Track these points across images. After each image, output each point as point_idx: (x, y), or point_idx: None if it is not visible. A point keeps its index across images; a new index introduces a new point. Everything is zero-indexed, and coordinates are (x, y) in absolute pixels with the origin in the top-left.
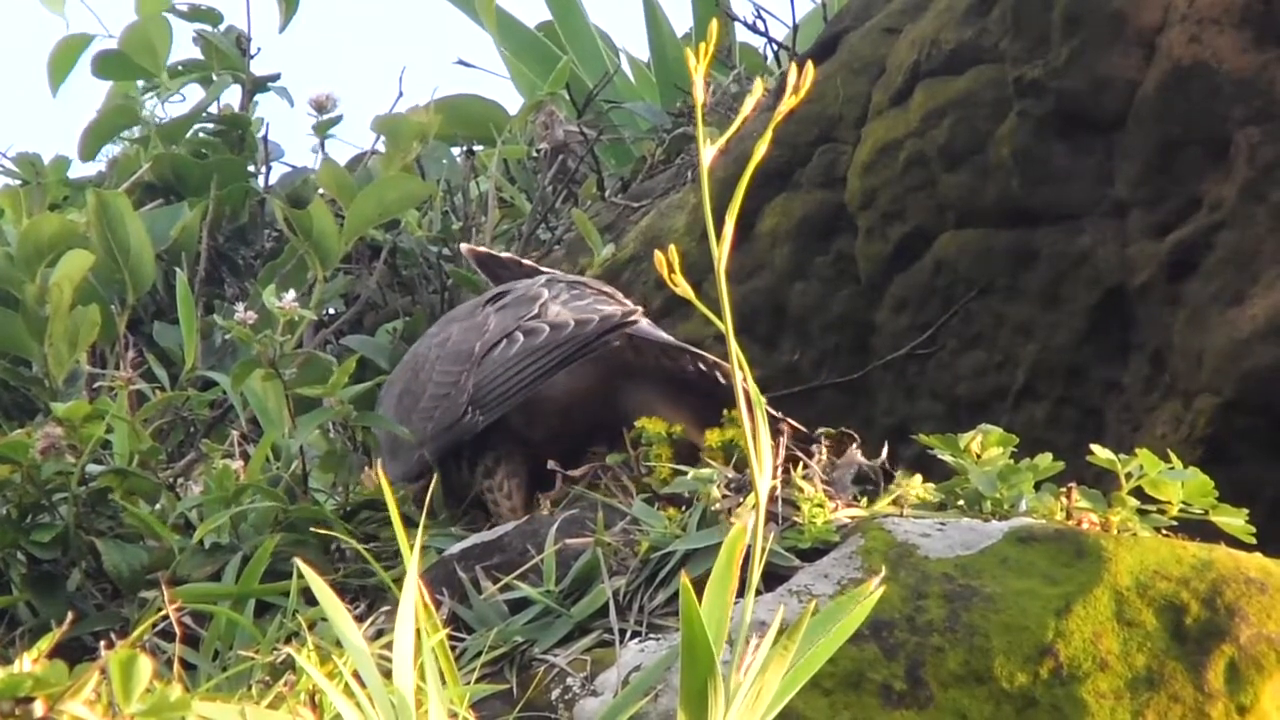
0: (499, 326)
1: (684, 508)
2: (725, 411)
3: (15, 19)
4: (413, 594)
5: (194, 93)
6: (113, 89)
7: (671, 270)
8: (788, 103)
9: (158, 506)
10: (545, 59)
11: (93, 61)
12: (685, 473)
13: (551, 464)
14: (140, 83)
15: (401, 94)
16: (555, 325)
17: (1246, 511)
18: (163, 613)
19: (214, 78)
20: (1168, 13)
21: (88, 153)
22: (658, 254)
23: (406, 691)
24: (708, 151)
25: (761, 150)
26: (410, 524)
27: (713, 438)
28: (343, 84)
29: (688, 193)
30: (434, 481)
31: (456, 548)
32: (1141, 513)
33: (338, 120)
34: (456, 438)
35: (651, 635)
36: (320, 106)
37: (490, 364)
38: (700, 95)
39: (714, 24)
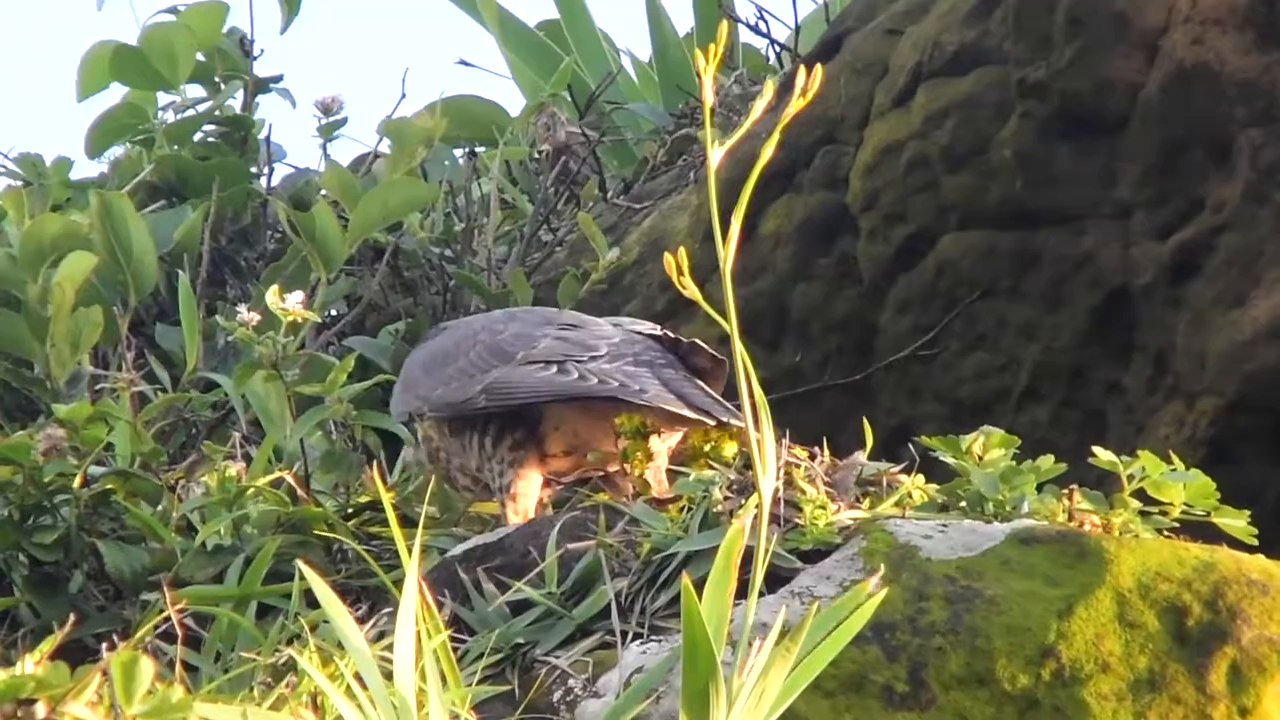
0: (546, 350)
1: (685, 509)
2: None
3: (15, 19)
4: (413, 596)
5: (197, 93)
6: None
7: (681, 272)
8: (795, 105)
9: (159, 508)
10: (547, 59)
11: (112, 59)
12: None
13: (551, 473)
14: (161, 95)
15: (404, 95)
16: (583, 376)
17: (1248, 513)
18: (165, 614)
19: (216, 79)
20: (1170, 14)
21: (94, 150)
22: (667, 256)
23: (408, 693)
24: (715, 153)
25: (769, 152)
26: (411, 524)
27: (697, 440)
28: (344, 84)
29: (690, 194)
30: (434, 482)
31: (458, 549)
32: (1143, 514)
33: (343, 123)
34: (457, 413)
35: (653, 637)
36: (327, 109)
37: (519, 373)
38: (709, 97)
39: (723, 26)
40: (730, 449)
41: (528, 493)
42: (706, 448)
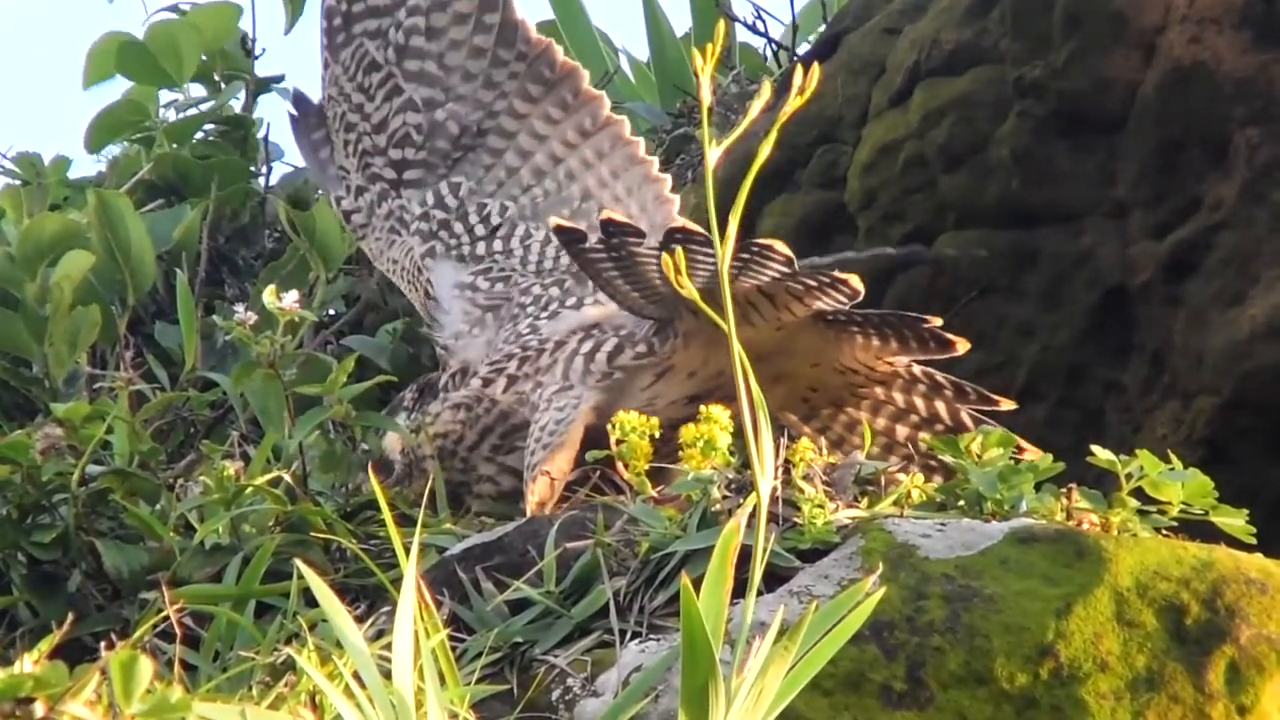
0: None
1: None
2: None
3: (13, 18)
4: (411, 595)
5: (198, 92)
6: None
7: (678, 271)
8: (793, 104)
9: (158, 507)
10: None
11: (117, 52)
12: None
13: (551, 472)
14: (163, 92)
15: None
16: None
17: (1247, 512)
18: (163, 614)
19: (218, 79)
20: (1168, 13)
21: (94, 145)
22: (665, 255)
23: (406, 692)
24: (713, 152)
25: (765, 151)
26: (409, 523)
27: (688, 434)
28: None
29: (687, 193)
30: (432, 481)
31: (457, 548)
32: (1142, 513)
33: None
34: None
35: (652, 636)
36: None
37: None
38: (706, 97)
39: (720, 26)
40: (724, 439)
41: (551, 484)
42: (699, 441)
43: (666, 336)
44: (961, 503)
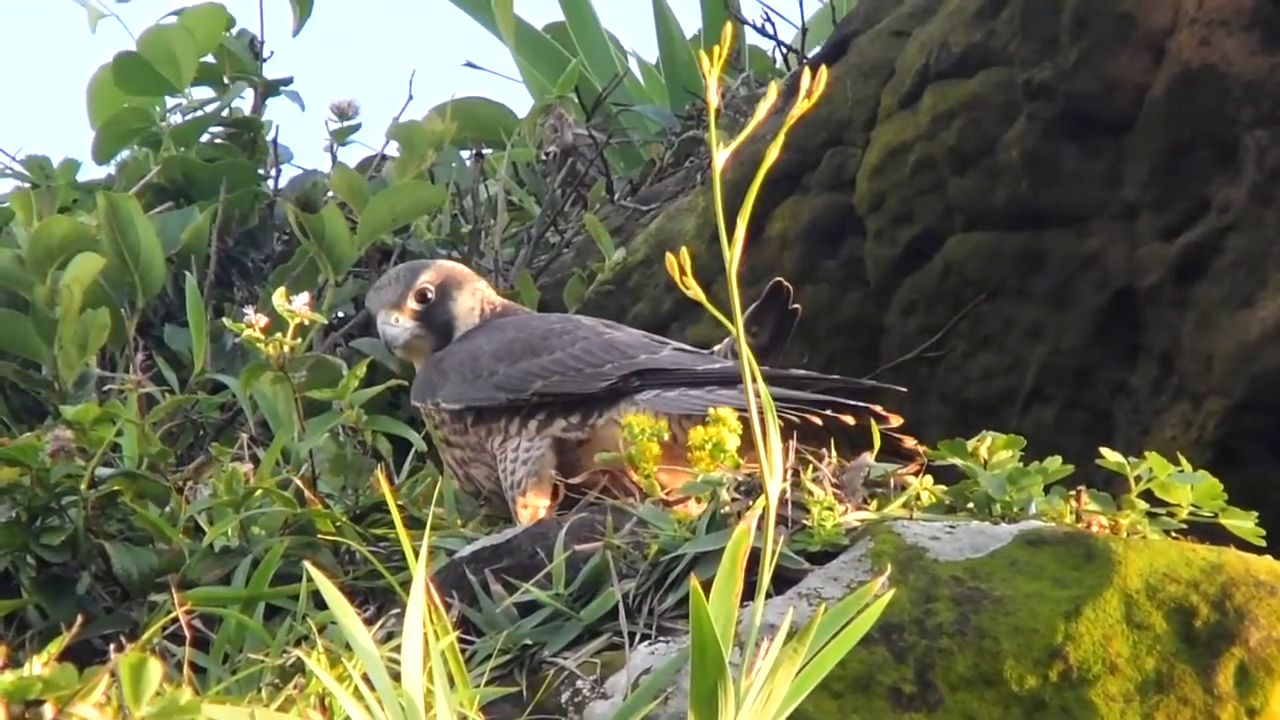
0: (673, 359)
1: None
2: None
3: (21, 21)
4: (421, 597)
5: (205, 94)
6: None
7: (683, 273)
8: (801, 106)
9: (167, 509)
10: (554, 61)
11: (114, 67)
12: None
13: (553, 474)
14: (166, 98)
15: (411, 97)
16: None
17: (1256, 514)
18: (172, 616)
19: (226, 80)
20: (1177, 15)
21: (102, 156)
22: (670, 257)
23: (416, 694)
24: (721, 155)
25: (773, 154)
26: (418, 526)
27: (696, 436)
28: (351, 86)
29: (696, 196)
30: (441, 482)
31: (466, 550)
32: (1151, 515)
33: (357, 128)
34: (573, 397)
35: (661, 638)
36: (343, 113)
37: (667, 359)
38: (714, 99)
39: (729, 28)
40: (732, 441)
41: (541, 490)
42: (707, 443)
43: (591, 414)
44: (970, 505)
